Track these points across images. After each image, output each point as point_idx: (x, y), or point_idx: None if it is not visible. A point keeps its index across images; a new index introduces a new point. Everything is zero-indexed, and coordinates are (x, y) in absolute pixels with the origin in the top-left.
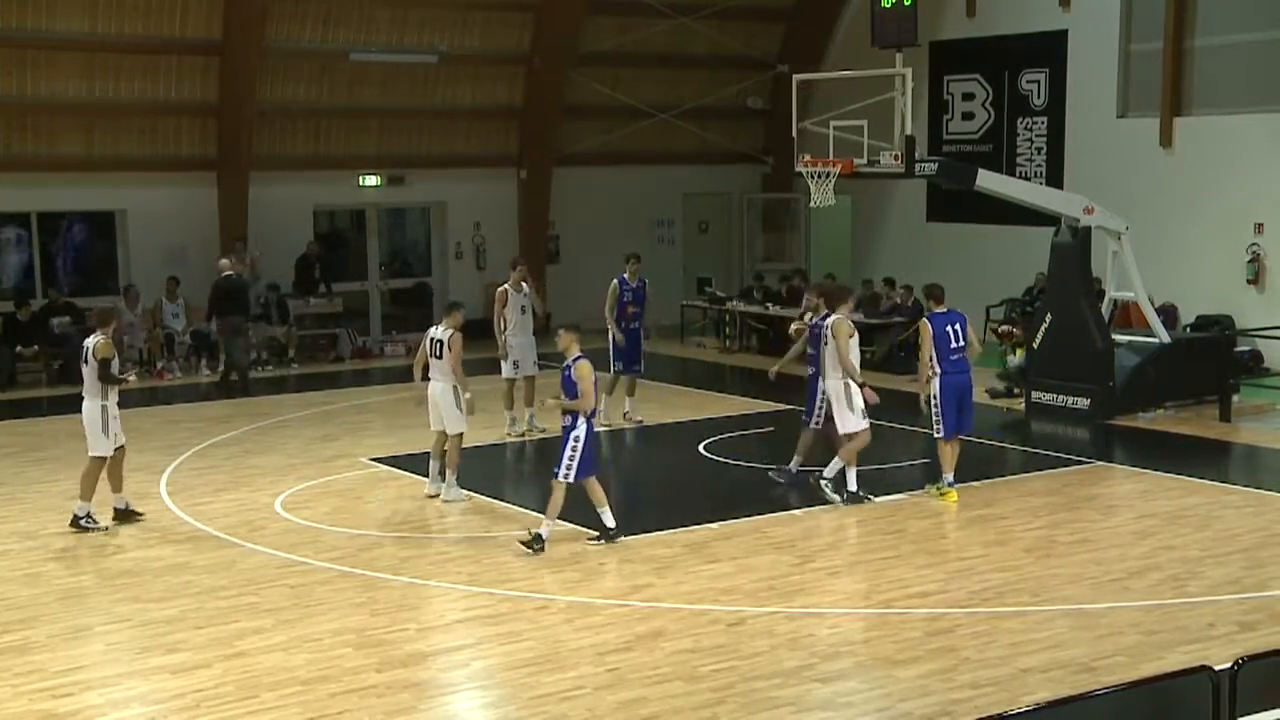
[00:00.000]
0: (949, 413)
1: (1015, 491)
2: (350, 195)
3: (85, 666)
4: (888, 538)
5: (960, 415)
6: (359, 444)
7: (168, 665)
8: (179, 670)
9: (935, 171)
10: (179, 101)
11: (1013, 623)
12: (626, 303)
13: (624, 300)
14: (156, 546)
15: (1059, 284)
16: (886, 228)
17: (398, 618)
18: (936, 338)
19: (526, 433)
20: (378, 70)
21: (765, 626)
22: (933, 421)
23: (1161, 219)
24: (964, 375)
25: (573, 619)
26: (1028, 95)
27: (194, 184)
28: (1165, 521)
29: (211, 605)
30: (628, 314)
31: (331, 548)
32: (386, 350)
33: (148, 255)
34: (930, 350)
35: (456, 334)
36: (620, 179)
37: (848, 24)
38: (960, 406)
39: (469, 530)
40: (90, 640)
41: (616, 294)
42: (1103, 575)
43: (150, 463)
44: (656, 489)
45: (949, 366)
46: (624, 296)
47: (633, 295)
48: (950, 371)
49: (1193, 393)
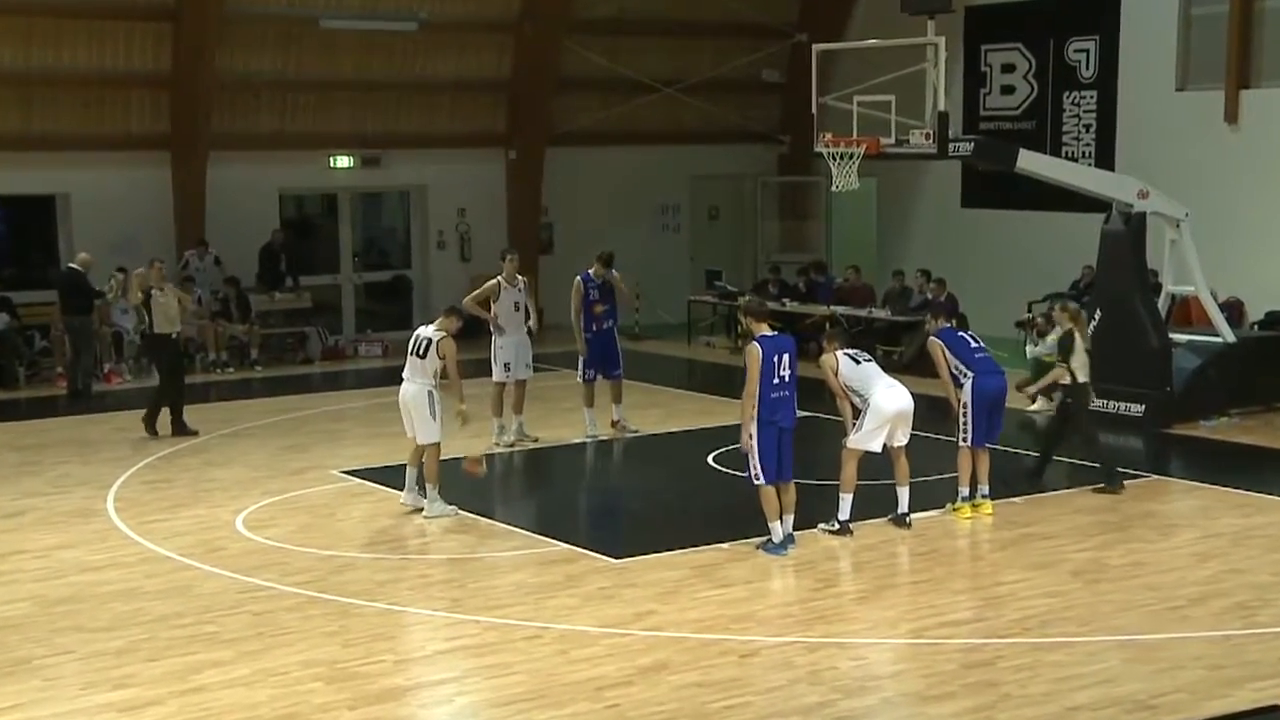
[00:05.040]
0: (979, 419)
1: (1061, 508)
2: (320, 178)
3: (22, 705)
4: (919, 559)
5: (991, 421)
6: (331, 455)
7: (115, 702)
8: (128, 708)
9: (971, 152)
10: (128, 72)
11: (1059, 655)
12: (593, 302)
13: (590, 299)
14: (102, 569)
15: (1110, 277)
16: (916, 215)
17: (373, 648)
18: (955, 347)
19: (517, 442)
20: (351, 38)
21: (782, 658)
22: (959, 427)
23: (1226, 204)
24: (999, 376)
25: (567, 650)
26: (1075, 66)
27: (145, 165)
28: (1230, 542)
29: (165, 635)
30: (596, 314)
31: (299, 570)
32: (361, 350)
33: (92, 245)
34: (948, 369)
35: (449, 339)
36: (620, 160)
37: None
38: (992, 412)
39: (453, 550)
40: (27, 675)
41: (581, 292)
42: (1160, 602)
43: (96, 475)
44: (660, 505)
45: (980, 367)
46: (590, 295)
47: (599, 292)
48: (983, 372)
49: (1261, 398)
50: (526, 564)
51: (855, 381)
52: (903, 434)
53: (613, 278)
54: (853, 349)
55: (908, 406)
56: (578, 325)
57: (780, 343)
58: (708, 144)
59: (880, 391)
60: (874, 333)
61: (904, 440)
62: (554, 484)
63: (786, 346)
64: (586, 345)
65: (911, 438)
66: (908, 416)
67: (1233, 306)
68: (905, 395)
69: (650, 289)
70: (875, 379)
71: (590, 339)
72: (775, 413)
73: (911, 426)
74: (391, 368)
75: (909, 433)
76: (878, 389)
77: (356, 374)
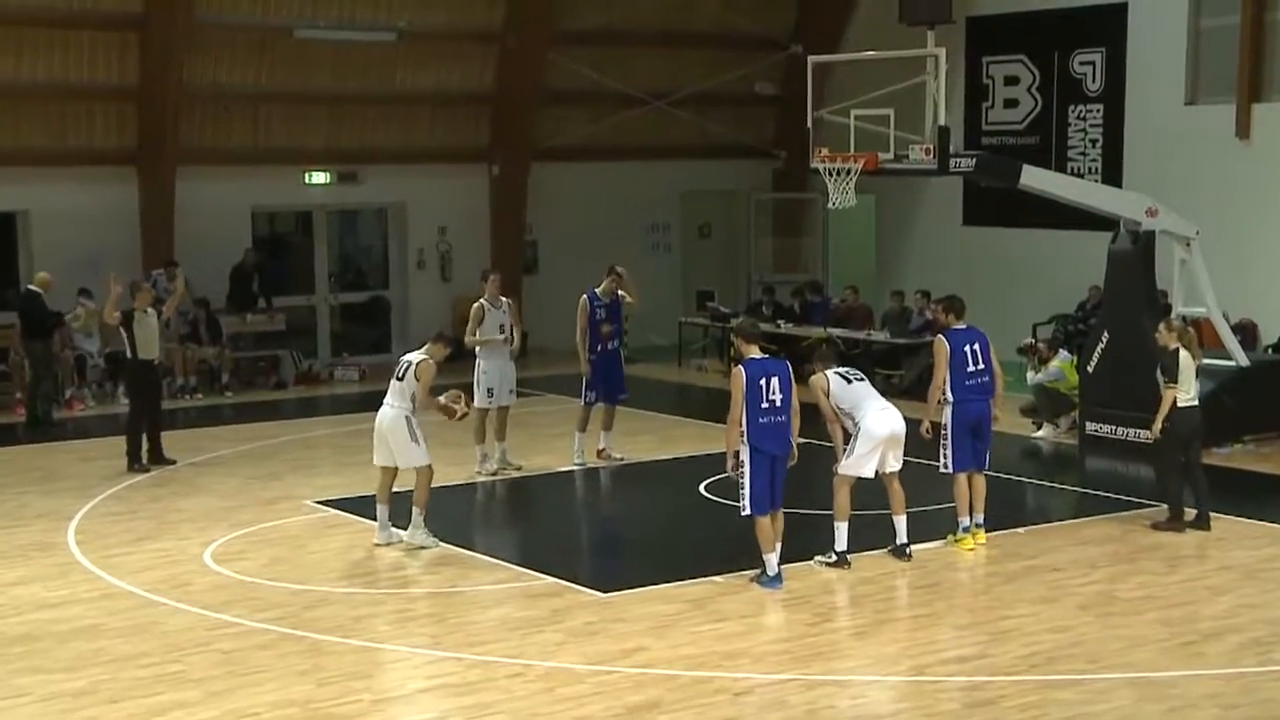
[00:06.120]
0: (961, 444)
1: (1067, 539)
2: (294, 194)
3: None
4: (920, 592)
5: (976, 446)
6: (304, 484)
7: None
8: None
9: (973, 168)
10: (92, 84)
11: (1067, 693)
12: (600, 321)
13: (596, 319)
14: (62, 606)
15: (1117, 298)
16: (916, 233)
17: (349, 687)
18: (954, 358)
19: (500, 471)
20: (326, 49)
21: (778, 696)
22: (940, 454)
23: (1238, 222)
24: (982, 402)
25: (553, 688)
26: (1081, 79)
27: (110, 180)
28: (1245, 575)
29: (128, 675)
30: (603, 334)
31: (271, 605)
32: (337, 375)
33: (54, 263)
34: (945, 371)
35: (428, 364)
36: (608, 176)
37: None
38: (976, 435)
39: (433, 584)
40: None
41: (587, 312)
42: (1172, 638)
43: (56, 507)
44: (651, 537)
45: (964, 394)
46: (595, 315)
47: (606, 312)
48: (965, 400)
49: (1276, 424)
50: (510, 598)
51: (846, 402)
52: (894, 459)
53: (625, 283)
54: (844, 367)
55: (900, 429)
56: (582, 346)
57: (769, 366)
58: (699, 159)
59: (872, 415)
60: (872, 355)
61: (896, 466)
62: (539, 514)
63: (777, 370)
64: (591, 367)
65: (910, 465)
66: (900, 440)
67: (1246, 329)
68: (897, 418)
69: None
70: (867, 400)
71: (595, 360)
72: (764, 439)
73: (904, 451)
74: (369, 393)
75: (901, 458)
76: (869, 411)
77: (332, 399)
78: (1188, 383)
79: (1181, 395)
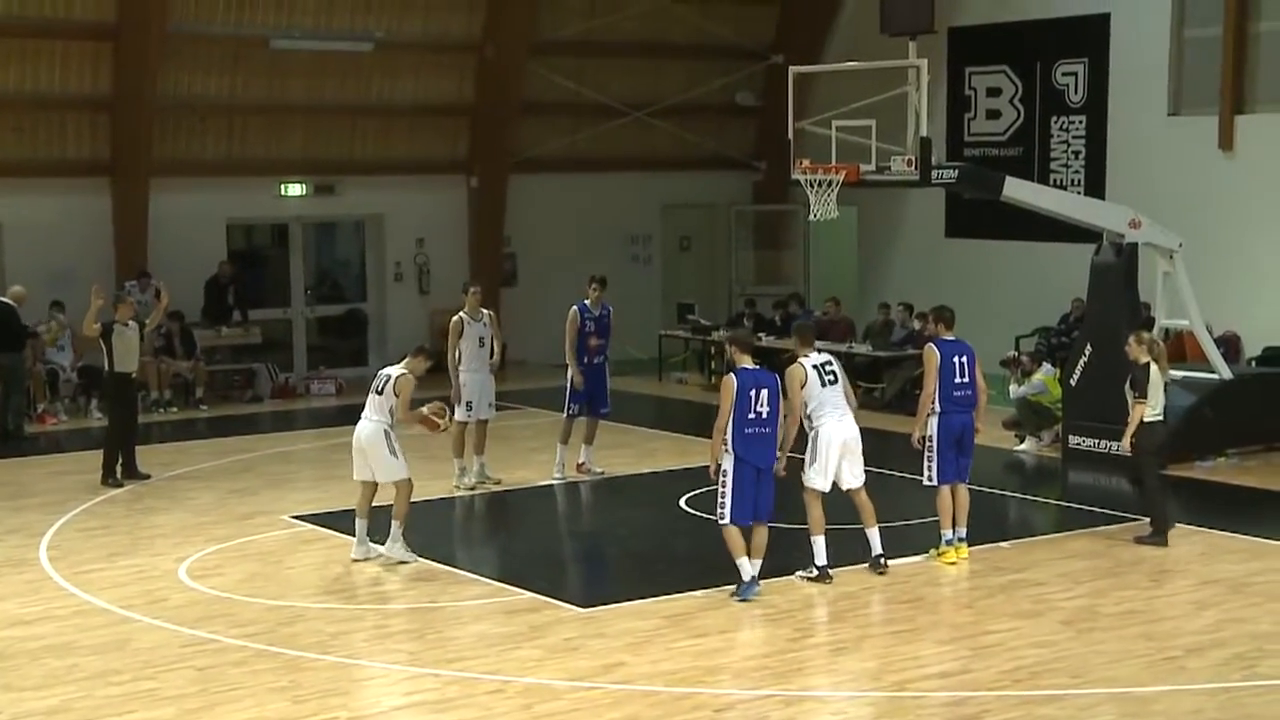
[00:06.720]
0: (946, 455)
1: (1050, 554)
2: (270, 206)
3: None
4: (902, 607)
5: (959, 458)
6: (280, 499)
7: None
8: None
9: (955, 179)
10: (64, 94)
11: (1049, 709)
12: (589, 334)
13: (585, 331)
14: (34, 623)
15: (1100, 310)
16: (898, 245)
17: (326, 704)
18: (942, 368)
19: (478, 485)
20: (303, 59)
21: (758, 712)
22: (924, 466)
23: (1221, 234)
24: (966, 414)
25: (531, 704)
26: (1064, 90)
27: (82, 192)
28: (1229, 590)
29: (101, 693)
30: (590, 348)
31: (247, 622)
32: (313, 388)
33: (25, 277)
34: (935, 382)
35: (407, 378)
36: (588, 188)
37: (852, 8)
38: (960, 448)
39: (411, 600)
40: None
41: (577, 324)
42: (1155, 653)
43: (28, 523)
44: (630, 551)
45: (949, 405)
46: (585, 327)
47: (595, 325)
48: (950, 411)
49: (1260, 438)
50: (489, 614)
51: (813, 401)
52: (851, 475)
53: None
54: (823, 357)
55: (851, 436)
56: (571, 357)
57: (761, 378)
58: (679, 171)
59: (829, 424)
60: (855, 368)
61: (855, 482)
62: (518, 529)
63: (767, 382)
64: (583, 377)
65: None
66: (852, 450)
67: (1229, 341)
68: (851, 427)
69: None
70: (829, 409)
71: (582, 371)
72: (748, 450)
73: (862, 462)
74: (345, 406)
75: (860, 471)
76: (828, 420)
77: (308, 413)
78: (1155, 397)
79: (1149, 410)
